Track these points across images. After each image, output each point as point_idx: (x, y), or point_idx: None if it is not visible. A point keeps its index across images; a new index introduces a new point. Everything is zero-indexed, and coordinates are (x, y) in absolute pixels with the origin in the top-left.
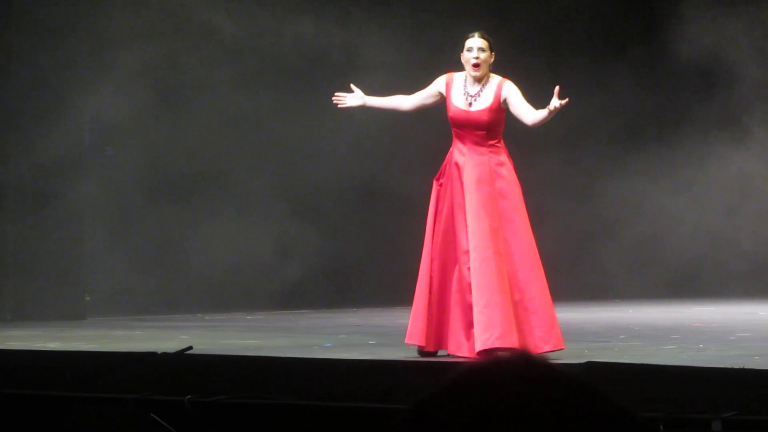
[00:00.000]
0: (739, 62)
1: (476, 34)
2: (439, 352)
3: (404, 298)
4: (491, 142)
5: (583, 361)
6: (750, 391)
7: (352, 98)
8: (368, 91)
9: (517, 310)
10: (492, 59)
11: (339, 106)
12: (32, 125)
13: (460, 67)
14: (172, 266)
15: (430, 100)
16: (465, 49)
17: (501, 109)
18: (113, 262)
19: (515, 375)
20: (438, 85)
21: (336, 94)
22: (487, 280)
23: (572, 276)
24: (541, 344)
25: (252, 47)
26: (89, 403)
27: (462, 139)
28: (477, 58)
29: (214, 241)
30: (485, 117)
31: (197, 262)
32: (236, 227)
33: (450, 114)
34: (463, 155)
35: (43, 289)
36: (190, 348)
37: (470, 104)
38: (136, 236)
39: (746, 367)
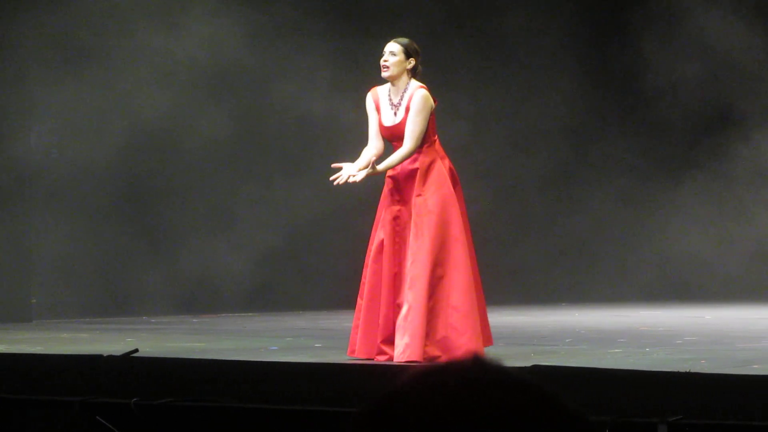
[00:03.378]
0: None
1: (392, 40)
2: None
3: (351, 302)
4: (421, 148)
5: (529, 364)
6: (696, 395)
7: (352, 170)
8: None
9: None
10: (410, 65)
11: (342, 182)
12: None
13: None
14: (118, 269)
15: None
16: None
17: None
18: (59, 264)
19: (467, 378)
20: (370, 111)
21: (333, 165)
22: (410, 291)
23: (520, 280)
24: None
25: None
26: (34, 405)
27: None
28: (386, 60)
29: (159, 243)
30: (404, 126)
31: (143, 265)
32: (182, 229)
33: (381, 132)
34: (396, 167)
35: None
36: (136, 351)
37: (395, 114)
38: (82, 239)
39: (692, 370)
